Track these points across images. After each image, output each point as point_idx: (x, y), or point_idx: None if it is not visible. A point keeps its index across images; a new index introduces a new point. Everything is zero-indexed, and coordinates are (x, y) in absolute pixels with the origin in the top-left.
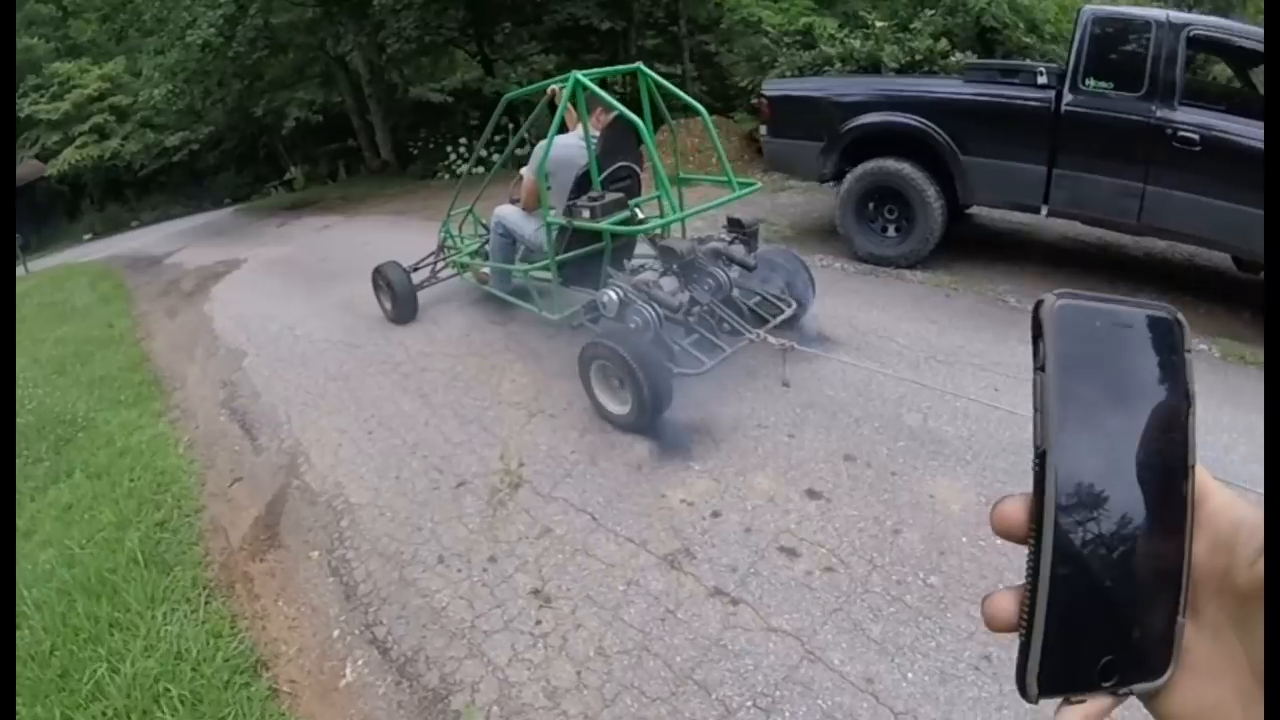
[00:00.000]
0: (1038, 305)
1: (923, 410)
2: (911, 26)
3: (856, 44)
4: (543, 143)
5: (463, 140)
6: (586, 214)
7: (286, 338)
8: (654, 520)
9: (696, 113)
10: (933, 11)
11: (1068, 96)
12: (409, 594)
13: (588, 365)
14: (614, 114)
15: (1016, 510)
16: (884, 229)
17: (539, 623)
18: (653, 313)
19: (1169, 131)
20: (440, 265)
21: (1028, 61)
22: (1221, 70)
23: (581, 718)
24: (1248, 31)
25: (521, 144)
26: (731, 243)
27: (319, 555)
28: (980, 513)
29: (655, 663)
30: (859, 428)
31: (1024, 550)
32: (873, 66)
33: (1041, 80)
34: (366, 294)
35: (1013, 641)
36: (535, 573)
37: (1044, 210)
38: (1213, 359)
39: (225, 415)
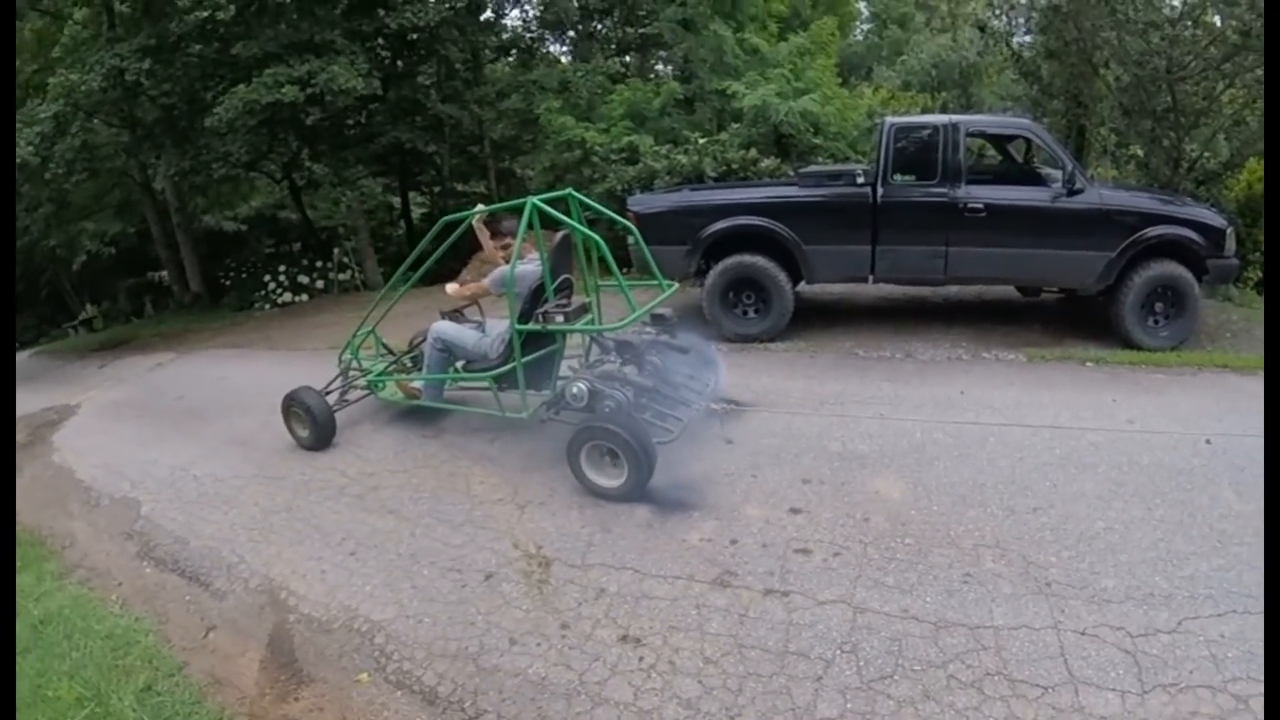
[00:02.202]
0: None
1: (839, 439)
2: (720, 139)
3: (682, 158)
4: (505, 268)
5: (282, 268)
6: (560, 319)
7: (184, 480)
8: (687, 558)
9: (625, 228)
10: (738, 125)
11: (880, 190)
12: (499, 678)
13: (579, 448)
14: (563, 232)
15: None
16: (744, 312)
17: (641, 659)
18: (624, 396)
19: (961, 205)
20: (348, 387)
21: (848, 165)
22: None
23: (722, 711)
24: (1001, 121)
25: (416, 265)
26: (659, 334)
27: (369, 676)
28: (913, 493)
29: (754, 653)
30: (800, 460)
31: (954, 511)
32: (697, 177)
33: (859, 180)
34: (259, 427)
35: (981, 557)
36: (612, 625)
37: (871, 279)
38: (1022, 364)
39: (151, 567)
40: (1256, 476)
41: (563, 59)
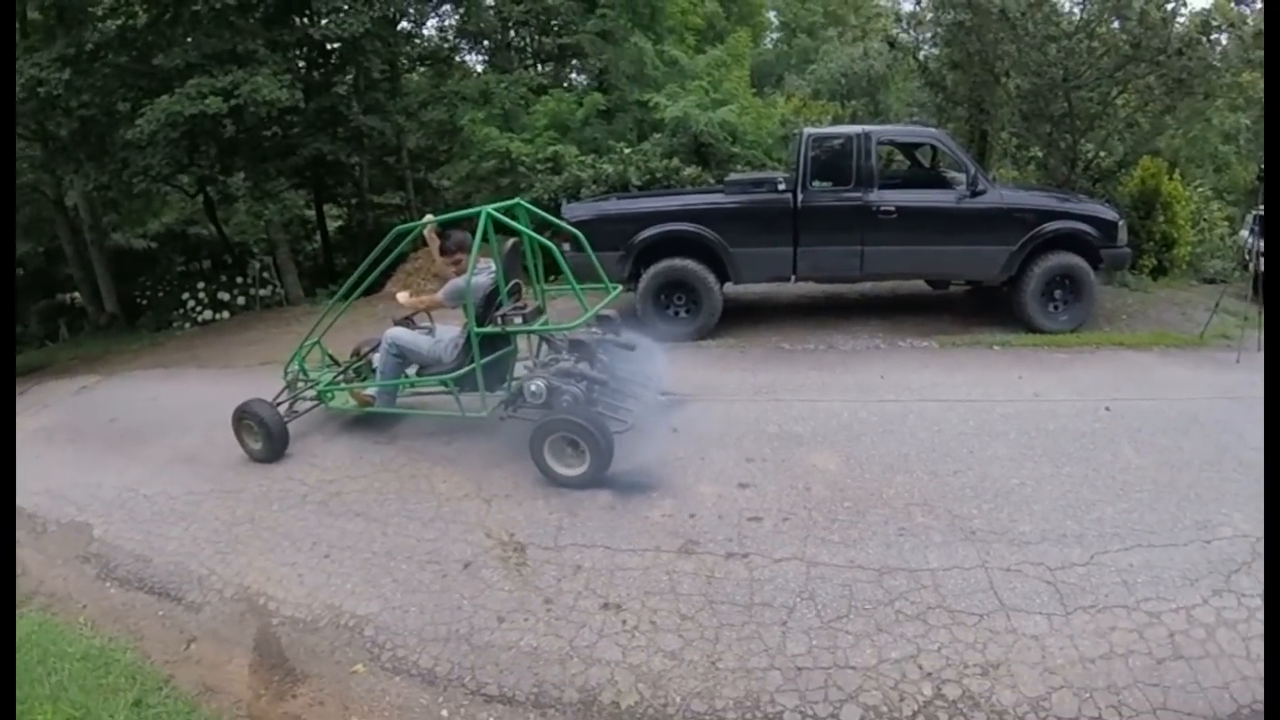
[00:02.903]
0: None
1: (775, 422)
2: (643, 149)
3: (607, 167)
4: (458, 280)
5: (201, 286)
6: (519, 320)
7: (134, 500)
8: (652, 533)
9: (571, 235)
10: (659, 135)
11: (800, 196)
12: (493, 653)
13: (542, 441)
14: (513, 240)
15: None
16: (675, 313)
17: (624, 622)
18: (579, 391)
19: (874, 208)
20: (296, 399)
21: (770, 174)
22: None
23: (704, 658)
24: (909, 131)
25: (366, 274)
26: (605, 333)
27: (365, 666)
28: (847, 465)
29: (724, 607)
30: (742, 442)
31: (884, 477)
32: (622, 186)
33: (781, 187)
34: (204, 444)
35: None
36: (593, 596)
37: (793, 279)
38: (935, 350)
39: (115, 587)
40: (1153, 435)
41: (478, 69)
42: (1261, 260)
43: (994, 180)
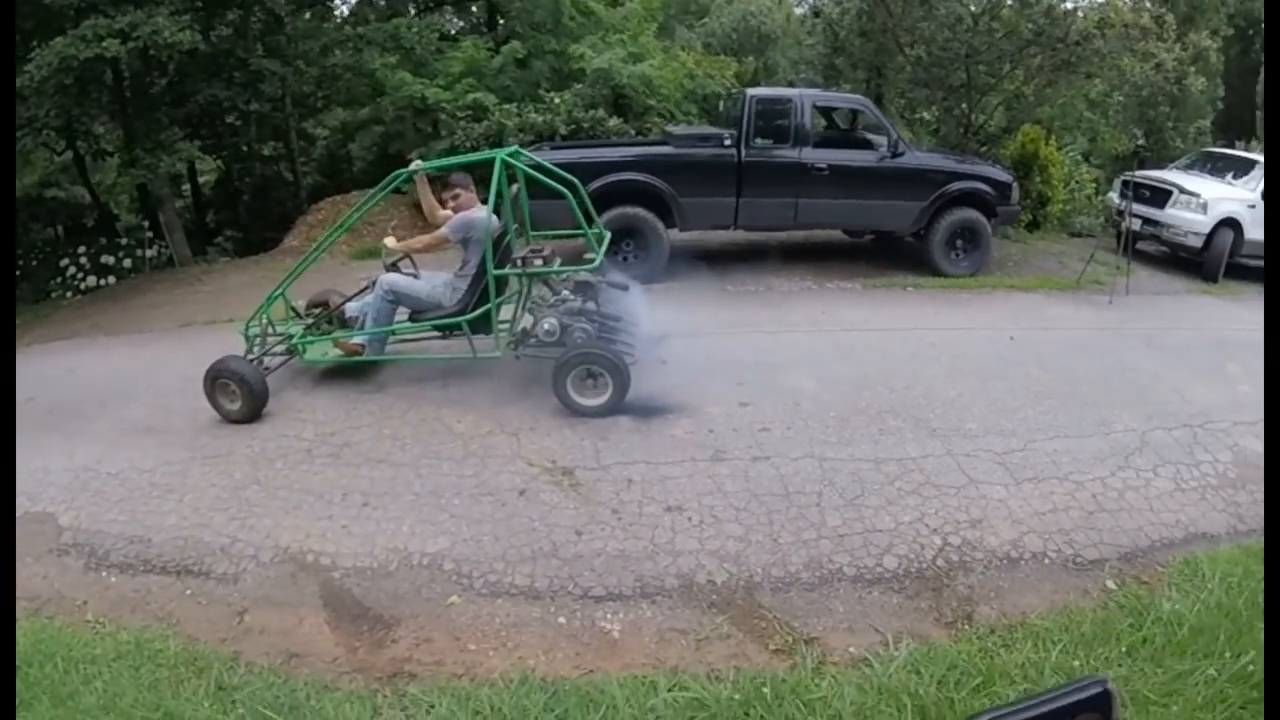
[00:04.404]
0: None
1: (749, 353)
2: (565, 98)
3: (535, 116)
4: (466, 214)
5: (82, 249)
6: (539, 263)
7: (98, 480)
8: (682, 447)
9: (569, 183)
10: (579, 85)
11: (744, 151)
12: (586, 561)
13: (565, 374)
14: (517, 185)
15: None
16: (625, 259)
17: (690, 519)
18: (590, 328)
19: (808, 165)
20: (265, 355)
21: (715, 129)
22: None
23: (767, 538)
24: (841, 97)
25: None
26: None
27: (460, 597)
28: (821, 385)
29: (767, 498)
30: (727, 370)
31: (854, 393)
32: (550, 135)
33: (727, 142)
34: (159, 411)
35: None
36: (653, 502)
37: (734, 227)
38: (860, 290)
39: (116, 574)
40: (1051, 358)
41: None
42: (1129, 218)
43: (911, 144)
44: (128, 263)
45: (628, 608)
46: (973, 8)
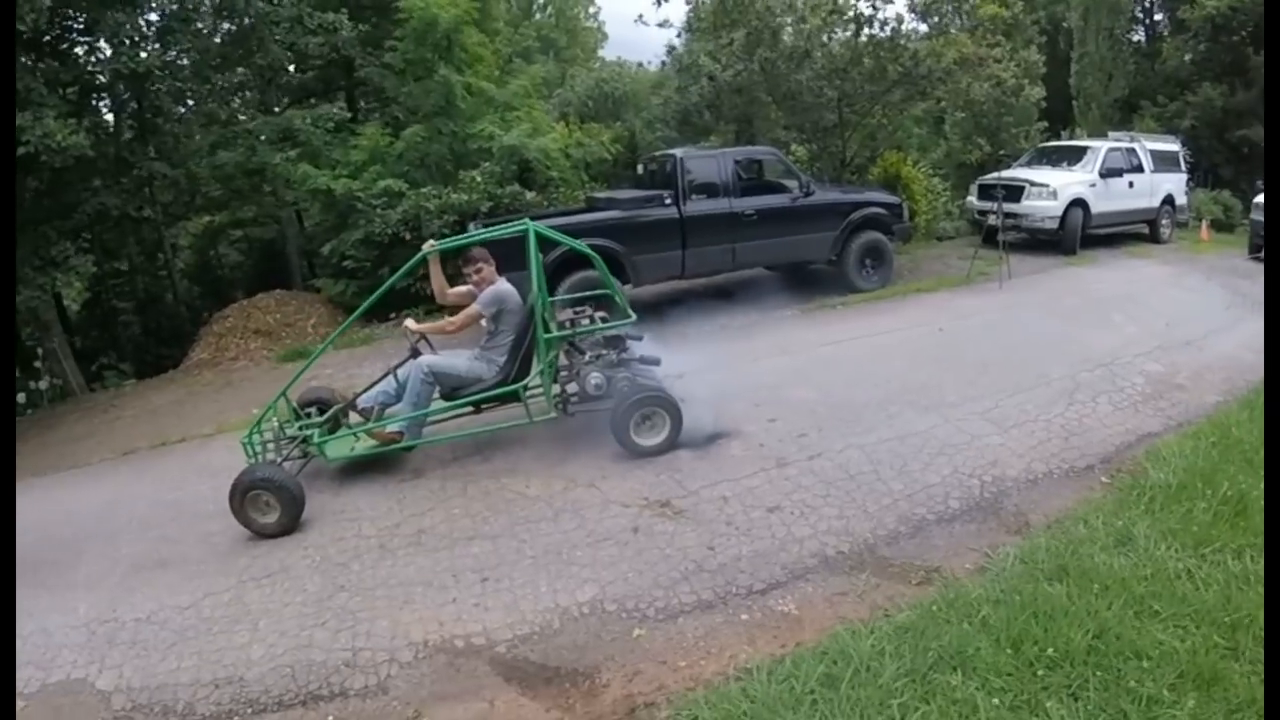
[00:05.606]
0: None
1: (746, 379)
2: (476, 178)
3: (455, 196)
4: (494, 288)
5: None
6: (586, 323)
7: (130, 628)
8: (746, 462)
9: (590, 256)
10: (487, 163)
11: (684, 207)
12: (736, 566)
13: (626, 420)
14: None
15: None
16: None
17: (791, 514)
18: (631, 376)
19: (739, 213)
20: (284, 459)
21: (654, 191)
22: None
23: (858, 511)
24: (754, 151)
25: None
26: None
27: (642, 628)
28: (820, 394)
29: (838, 483)
30: (740, 396)
31: (850, 393)
32: (473, 214)
33: (667, 201)
34: (162, 541)
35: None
36: (754, 508)
37: (681, 276)
38: (799, 314)
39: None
40: (979, 338)
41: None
42: (989, 216)
43: (819, 181)
44: (21, 397)
45: (791, 590)
46: (848, 56)
